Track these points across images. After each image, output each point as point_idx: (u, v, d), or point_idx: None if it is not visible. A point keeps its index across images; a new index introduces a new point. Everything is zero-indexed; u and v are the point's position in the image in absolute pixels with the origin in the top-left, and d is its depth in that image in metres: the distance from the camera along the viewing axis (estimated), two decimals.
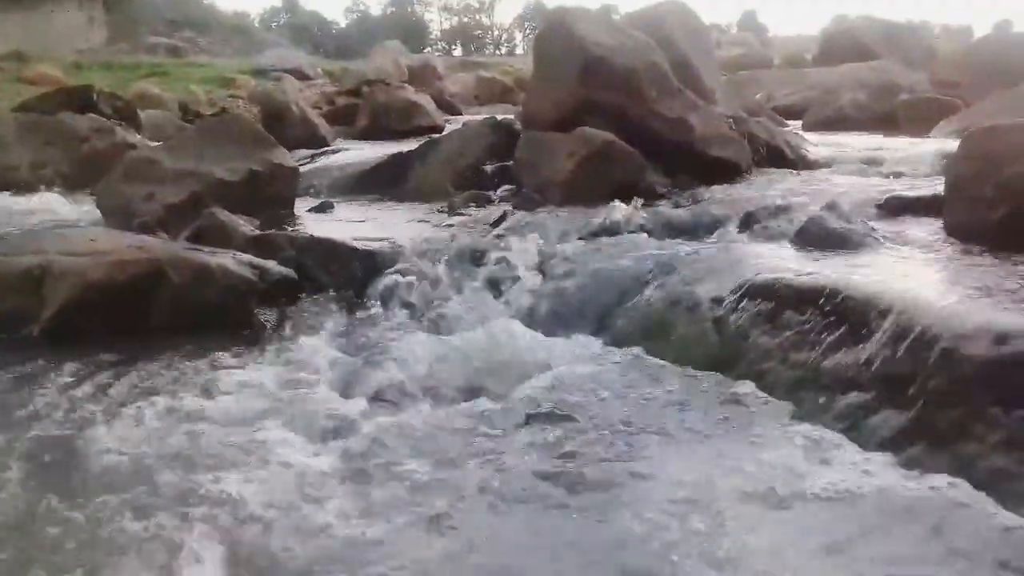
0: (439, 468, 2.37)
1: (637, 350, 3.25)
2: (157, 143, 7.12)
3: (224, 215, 4.37)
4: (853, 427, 2.44)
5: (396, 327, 3.67)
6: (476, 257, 4.19)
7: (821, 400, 2.60)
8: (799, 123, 10.06)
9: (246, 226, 4.38)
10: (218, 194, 4.91)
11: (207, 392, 2.91)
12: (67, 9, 22.73)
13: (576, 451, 2.43)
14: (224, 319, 3.59)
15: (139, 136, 8.44)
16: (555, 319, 3.66)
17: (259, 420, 2.69)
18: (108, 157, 6.82)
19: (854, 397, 2.51)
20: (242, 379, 3.03)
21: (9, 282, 3.44)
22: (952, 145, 4.46)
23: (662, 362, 3.13)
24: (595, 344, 3.39)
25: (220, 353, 3.29)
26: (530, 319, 3.64)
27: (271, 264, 3.90)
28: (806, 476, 2.22)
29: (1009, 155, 3.59)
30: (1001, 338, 2.28)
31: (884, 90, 10.81)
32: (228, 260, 3.75)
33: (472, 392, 2.97)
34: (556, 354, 3.26)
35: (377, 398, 2.94)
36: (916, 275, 3.12)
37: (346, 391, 2.99)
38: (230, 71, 17.08)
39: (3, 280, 3.45)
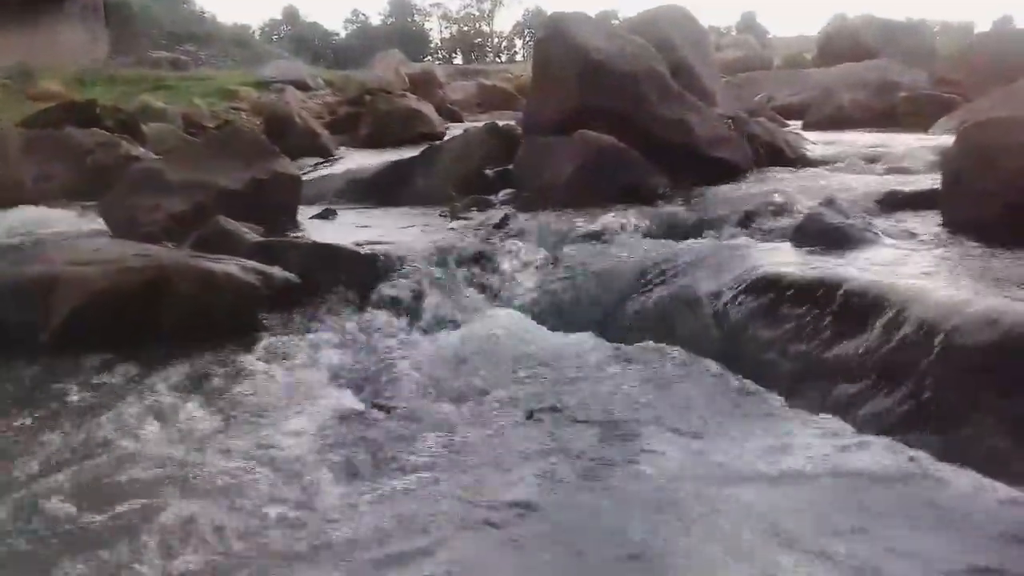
0: (441, 465, 2.40)
1: (640, 346, 3.28)
2: (160, 156, 7.18)
3: (229, 223, 4.40)
4: (852, 414, 2.48)
5: (399, 329, 3.70)
6: (479, 259, 4.22)
7: (820, 389, 2.63)
8: (800, 123, 10.09)
9: (250, 233, 4.40)
10: (222, 203, 4.93)
11: (213, 398, 2.94)
12: (70, 25, 22.84)
13: (578, 445, 2.46)
14: (230, 325, 3.61)
15: (143, 149, 8.48)
16: (558, 318, 3.69)
17: (264, 424, 2.73)
18: (112, 170, 6.87)
19: (853, 386, 2.54)
20: (247, 384, 3.07)
21: (19, 291, 3.49)
22: (951, 141, 4.49)
23: (664, 356, 3.16)
24: (598, 341, 3.41)
25: (226, 359, 3.32)
26: (534, 318, 3.67)
27: (275, 270, 3.93)
28: (806, 459, 2.26)
29: (1005, 149, 3.63)
30: (998, 325, 2.31)
31: (884, 88, 10.83)
32: (233, 267, 3.78)
33: (476, 391, 3.00)
34: (559, 351, 3.29)
35: (381, 399, 2.97)
36: (913, 267, 3.14)
37: (352, 393, 3.02)
38: (232, 83, 17.08)
39: (13, 289, 3.49)
